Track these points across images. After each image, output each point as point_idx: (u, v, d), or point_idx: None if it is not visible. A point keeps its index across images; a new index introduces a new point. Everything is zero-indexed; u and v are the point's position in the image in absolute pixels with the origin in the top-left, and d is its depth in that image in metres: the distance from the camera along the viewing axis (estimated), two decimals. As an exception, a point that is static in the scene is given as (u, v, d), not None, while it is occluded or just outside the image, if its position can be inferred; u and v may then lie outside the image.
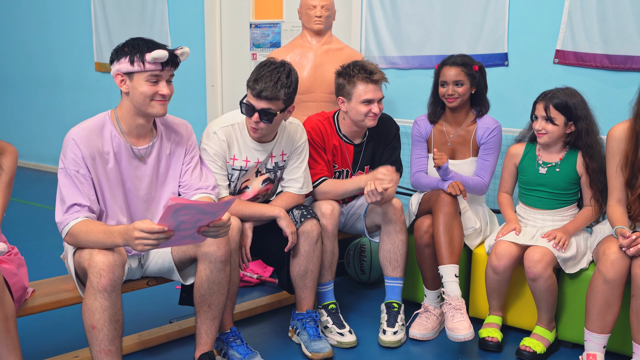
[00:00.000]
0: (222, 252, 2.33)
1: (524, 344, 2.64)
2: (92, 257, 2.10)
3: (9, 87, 7.08)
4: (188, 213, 1.97)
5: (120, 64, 2.23)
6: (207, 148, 2.61)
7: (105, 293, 2.08)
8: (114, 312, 2.11)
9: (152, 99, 2.24)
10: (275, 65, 2.52)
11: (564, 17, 3.52)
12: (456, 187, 2.75)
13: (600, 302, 2.37)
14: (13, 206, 4.83)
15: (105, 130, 2.29)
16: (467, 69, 2.90)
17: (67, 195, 2.21)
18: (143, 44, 2.22)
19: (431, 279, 2.87)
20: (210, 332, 2.41)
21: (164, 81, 2.25)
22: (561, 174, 2.74)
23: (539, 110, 2.69)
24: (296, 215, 2.71)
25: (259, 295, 3.31)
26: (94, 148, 2.24)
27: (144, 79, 2.22)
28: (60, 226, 2.21)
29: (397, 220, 2.85)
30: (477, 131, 2.97)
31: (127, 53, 2.21)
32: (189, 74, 5.41)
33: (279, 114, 2.54)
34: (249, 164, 2.69)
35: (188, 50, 2.29)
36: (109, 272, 2.08)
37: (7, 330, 2.05)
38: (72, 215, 2.19)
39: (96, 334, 2.10)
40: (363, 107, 2.79)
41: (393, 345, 2.75)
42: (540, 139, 2.72)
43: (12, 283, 2.14)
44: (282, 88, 2.49)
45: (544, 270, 2.55)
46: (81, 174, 2.22)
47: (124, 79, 2.24)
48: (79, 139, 2.23)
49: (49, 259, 3.56)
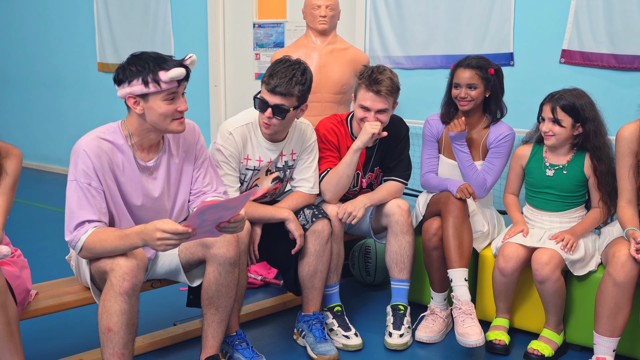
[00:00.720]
0: (231, 254, 2.30)
1: (531, 347, 2.62)
2: (115, 259, 2.08)
3: (11, 87, 7.08)
4: (213, 212, 1.99)
5: (132, 86, 2.13)
6: (222, 149, 2.60)
7: (126, 296, 2.06)
8: (131, 316, 2.10)
9: (173, 118, 2.19)
10: (291, 62, 2.52)
11: (570, 17, 3.49)
12: (465, 190, 2.72)
13: (610, 305, 2.34)
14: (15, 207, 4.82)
15: (115, 143, 2.23)
16: (482, 72, 2.83)
17: (77, 210, 2.14)
18: (153, 62, 2.13)
19: (438, 282, 2.85)
20: (217, 335, 2.38)
21: (181, 96, 2.21)
22: (568, 176, 2.71)
23: (545, 112, 2.65)
24: (307, 215, 2.69)
25: (263, 297, 3.29)
26: (105, 160, 2.18)
27: (161, 99, 2.15)
28: (72, 244, 2.16)
29: (404, 222, 2.82)
30: (489, 135, 2.92)
31: (138, 74, 2.12)
32: (192, 74, 5.36)
33: (292, 111, 2.54)
34: (261, 164, 2.69)
35: (195, 58, 2.24)
36: (132, 276, 2.06)
37: (10, 334, 2.02)
38: (81, 231, 2.13)
39: (112, 336, 2.08)
40: (360, 112, 2.78)
41: (399, 348, 2.72)
42: (547, 141, 2.69)
43: (15, 286, 2.12)
44: (296, 85, 2.48)
45: (552, 272, 2.52)
46: (93, 187, 2.16)
47: (137, 100, 2.16)
48: (90, 149, 2.15)
49: (52, 260, 3.55)
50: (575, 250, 2.60)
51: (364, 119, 2.78)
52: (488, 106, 2.94)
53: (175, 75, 2.12)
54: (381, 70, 2.74)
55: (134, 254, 2.11)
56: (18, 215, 4.57)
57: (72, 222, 2.15)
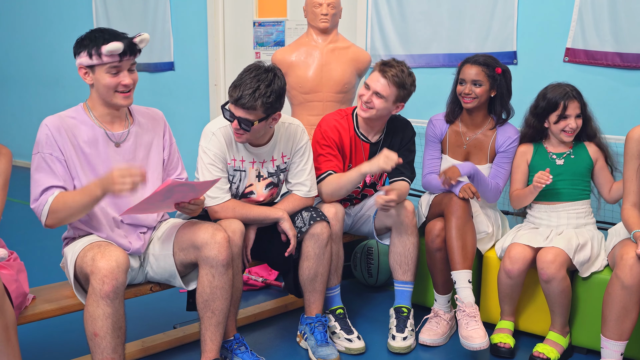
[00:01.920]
0: (223, 257, 2.28)
1: (537, 350, 2.58)
2: (95, 262, 2.07)
3: (9, 86, 7.05)
4: (180, 190, 2.17)
5: (80, 57, 2.24)
6: (207, 151, 2.56)
7: (108, 300, 2.05)
8: (117, 319, 2.08)
9: (116, 90, 2.25)
10: (258, 72, 2.42)
11: (575, 15, 3.45)
12: (468, 190, 2.68)
13: (617, 309, 2.30)
14: (12, 207, 4.78)
15: (78, 118, 2.30)
16: (489, 69, 2.80)
17: (41, 179, 2.20)
18: (100, 35, 2.22)
19: (442, 284, 2.81)
20: (215, 339, 2.36)
21: (125, 71, 2.25)
22: (576, 160, 2.75)
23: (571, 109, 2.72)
24: (305, 218, 2.65)
25: (264, 299, 3.26)
26: (66, 134, 2.25)
27: (104, 71, 2.23)
28: (38, 209, 2.19)
29: (409, 223, 2.79)
30: (496, 138, 2.89)
31: (86, 46, 2.22)
32: (191, 73, 5.36)
33: (258, 123, 2.45)
34: (244, 164, 2.63)
35: (147, 37, 2.29)
36: (112, 278, 2.05)
37: (7, 339, 1.99)
38: (46, 195, 2.18)
39: (98, 341, 2.07)
40: (362, 89, 2.78)
41: (402, 351, 2.69)
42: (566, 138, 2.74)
43: (12, 290, 2.08)
44: (259, 98, 2.38)
45: (558, 271, 2.49)
46: (55, 157, 2.22)
47: (87, 71, 2.26)
48: (51, 124, 2.25)
49: (49, 262, 3.50)
50: (582, 249, 2.57)
51: (361, 97, 2.78)
52: (493, 107, 2.90)
53: (111, 49, 2.17)
54: (400, 62, 2.77)
55: (113, 256, 2.09)
56: (14, 216, 4.54)
57: (36, 190, 2.20)
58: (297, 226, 2.64)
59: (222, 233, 2.30)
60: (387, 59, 2.81)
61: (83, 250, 2.19)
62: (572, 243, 2.57)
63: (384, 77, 2.72)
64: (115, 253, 2.11)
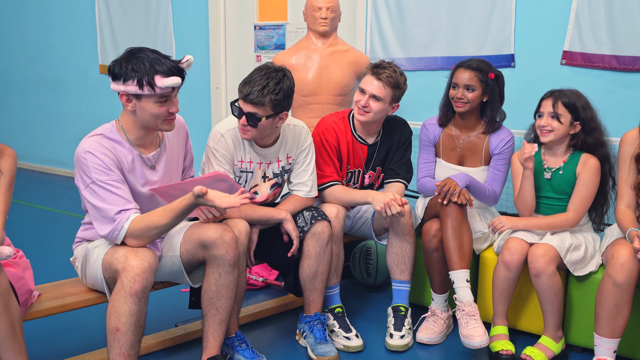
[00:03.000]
0: (231, 256, 2.32)
1: (525, 352, 2.57)
2: (128, 260, 2.10)
3: (12, 89, 7.09)
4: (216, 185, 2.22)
5: (126, 85, 2.16)
6: (214, 152, 2.60)
7: (135, 298, 2.08)
8: (140, 317, 2.12)
9: (164, 119, 2.23)
10: (269, 70, 2.49)
11: (572, 18, 3.50)
12: (462, 197, 2.69)
13: (610, 307, 2.34)
14: (17, 209, 4.82)
15: (115, 140, 2.26)
16: (482, 75, 2.83)
17: (107, 208, 2.14)
18: (151, 65, 2.14)
19: (439, 283, 2.85)
20: (218, 336, 2.39)
21: (173, 99, 2.23)
22: (564, 177, 2.68)
23: (545, 107, 2.63)
24: (306, 217, 2.69)
25: (265, 299, 3.30)
26: (110, 156, 2.21)
27: (153, 101, 2.18)
28: (113, 234, 2.15)
29: (405, 223, 2.83)
30: (490, 141, 2.92)
31: (133, 74, 2.13)
32: (193, 76, 5.38)
33: (266, 120, 2.51)
34: (252, 166, 2.68)
35: (192, 59, 2.26)
36: (143, 277, 2.09)
37: (13, 334, 2.04)
38: (123, 218, 2.14)
39: (119, 337, 2.10)
40: (357, 95, 2.83)
41: (400, 349, 2.73)
42: (544, 138, 2.64)
43: (18, 287, 2.13)
44: (268, 94, 2.45)
45: (547, 265, 2.50)
46: (113, 180, 2.17)
47: (129, 98, 2.20)
48: (94, 149, 2.17)
49: (55, 262, 3.55)
50: (575, 250, 2.61)
51: (357, 102, 2.83)
52: (485, 111, 2.92)
53: (171, 84, 2.15)
54: (390, 63, 2.83)
55: (146, 256, 2.12)
56: (20, 217, 4.59)
57: (106, 217, 2.14)
58: (299, 225, 2.69)
59: (231, 233, 2.33)
60: (377, 62, 2.86)
61: (113, 247, 2.21)
62: (565, 243, 2.60)
63: (378, 80, 2.77)
64: (148, 253, 2.15)
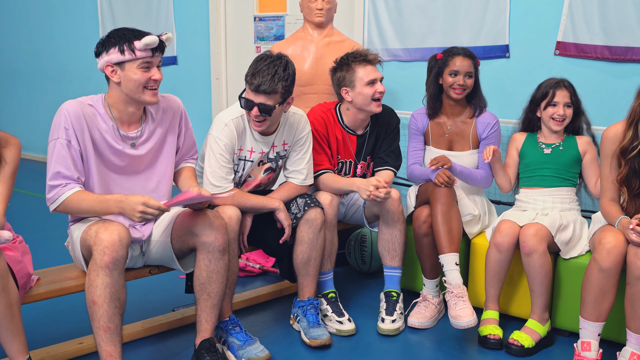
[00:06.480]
0: (220, 242, 2.37)
1: (512, 337, 2.63)
2: (98, 235, 2.17)
3: (17, 80, 7.15)
4: (190, 201, 2.31)
5: (109, 55, 2.28)
6: (218, 141, 2.64)
7: (107, 270, 2.14)
8: (116, 289, 2.17)
9: (145, 86, 2.30)
10: (272, 59, 2.54)
11: (565, 9, 3.52)
12: (443, 175, 2.77)
13: (595, 291, 2.39)
14: (19, 198, 4.88)
15: (98, 111, 2.34)
16: (474, 62, 2.96)
17: (58, 168, 2.25)
18: (129, 32, 2.28)
19: (430, 268, 2.90)
20: (210, 320, 2.45)
21: (155, 67, 2.32)
22: (564, 152, 2.84)
23: (561, 97, 2.81)
24: (300, 204, 2.74)
25: (261, 285, 3.36)
26: (84, 123, 2.29)
27: (136, 66, 2.27)
28: (52, 198, 2.26)
29: (395, 210, 2.88)
30: (477, 125, 2.99)
31: (115, 43, 2.26)
32: (194, 67, 5.45)
33: (278, 107, 2.57)
34: (253, 155, 2.73)
35: (171, 36, 2.37)
36: (112, 250, 2.14)
37: (11, 315, 2.09)
38: (66, 187, 2.24)
39: (96, 309, 2.16)
40: (369, 89, 2.84)
41: (391, 333, 2.78)
42: (556, 127, 2.83)
43: (17, 270, 2.18)
44: (279, 81, 2.51)
45: (539, 244, 2.57)
46: (72, 145, 2.27)
47: (114, 69, 2.29)
48: (72, 110, 2.27)
49: (54, 250, 3.60)
50: (564, 230, 2.68)
51: (374, 94, 2.85)
52: (472, 97, 3.01)
53: (148, 42, 2.24)
54: (355, 50, 2.91)
55: (117, 230, 2.18)
56: (21, 206, 4.65)
57: (52, 178, 2.25)
58: (292, 212, 2.74)
59: (220, 220, 2.40)
60: (353, 51, 2.91)
61: (88, 225, 2.28)
62: (556, 223, 2.68)
63: (373, 64, 2.86)
64: (118, 227, 2.20)
